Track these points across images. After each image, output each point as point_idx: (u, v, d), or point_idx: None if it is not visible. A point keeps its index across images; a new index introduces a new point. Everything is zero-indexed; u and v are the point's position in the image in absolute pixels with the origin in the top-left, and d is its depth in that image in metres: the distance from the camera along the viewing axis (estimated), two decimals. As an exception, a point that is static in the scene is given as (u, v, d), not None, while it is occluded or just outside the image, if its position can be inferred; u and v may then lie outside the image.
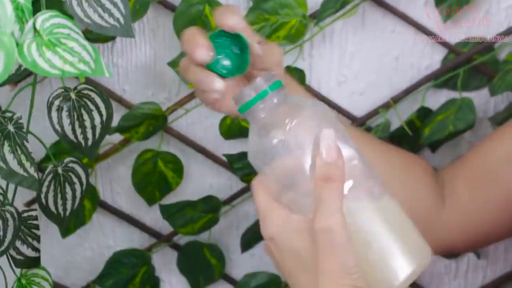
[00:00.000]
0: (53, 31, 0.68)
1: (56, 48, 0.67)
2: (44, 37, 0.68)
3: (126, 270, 1.04)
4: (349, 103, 1.04)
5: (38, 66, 0.66)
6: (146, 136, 0.99)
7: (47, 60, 0.67)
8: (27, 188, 0.80)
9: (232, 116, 0.97)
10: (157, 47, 1.00)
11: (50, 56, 0.67)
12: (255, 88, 0.72)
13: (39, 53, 0.67)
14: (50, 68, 0.66)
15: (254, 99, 0.72)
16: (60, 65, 0.67)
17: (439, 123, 1.02)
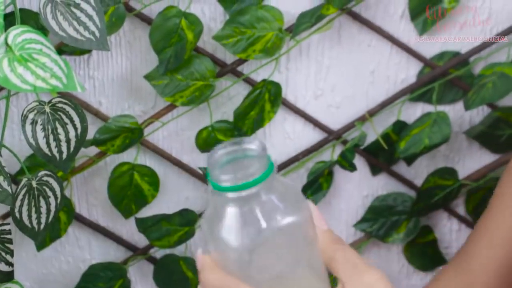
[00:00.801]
0: (25, 46, 0.68)
1: (28, 63, 0.67)
2: (16, 52, 0.68)
3: (102, 284, 1.04)
4: (326, 116, 1.04)
5: (9, 81, 0.66)
6: (122, 149, 0.99)
7: (18, 75, 0.66)
8: (0, 202, 0.80)
9: None
10: (133, 60, 1.00)
11: (22, 72, 0.67)
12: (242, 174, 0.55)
13: (11, 69, 0.67)
14: (21, 84, 0.66)
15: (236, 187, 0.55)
16: (32, 81, 0.66)
17: (414, 136, 1.03)
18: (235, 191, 0.56)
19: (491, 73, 1.00)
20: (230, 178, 0.56)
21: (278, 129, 1.04)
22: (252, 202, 0.56)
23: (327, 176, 1.04)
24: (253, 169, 0.55)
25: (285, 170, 1.05)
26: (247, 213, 0.57)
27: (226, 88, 1.00)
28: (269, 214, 0.57)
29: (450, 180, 1.05)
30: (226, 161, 0.57)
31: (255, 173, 0.55)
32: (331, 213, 1.09)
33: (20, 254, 1.04)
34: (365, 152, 1.06)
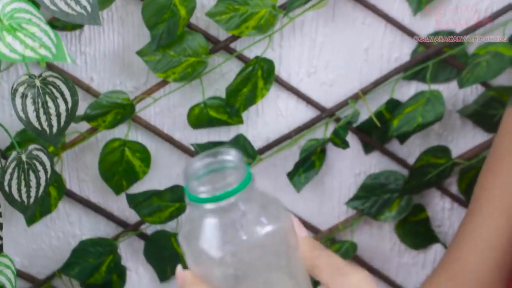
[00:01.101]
0: (14, 15, 0.68)
1: (17, 33, 0.67)
2: (4, 22, 0.67)
3: (92, 259, 1.04)
4: (319, 94, 1.04)
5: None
6: (114, 125, 0.99)
7: (7, 44, 0.66)
8: (-11, 175, 0.80)
9: None
10: (125, 35, 0.99)
11: (11, 41, 0.66)
12: (221, 185, 0.54)
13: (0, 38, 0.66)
14: (10, 53, 0.66)
15: (214, 198, 0.54)
16: (21, 50, 0.66)
17: (407, 115, 1.02)
18: (213, 202, 0.54)
19: (486, 52, 0.99)
20: (208, 189, 0.54)
21: (270, 107, 1.04)
22: (231, 212, 0.55)
23: (319, 154, 1.04)
24: (231, 179, 0.55)
25: (278, 147, 1.05)
26: (227, 224, 0.56)
27: (219, 65, 1.00)
28: (249, 224, 0.56)
29: (443, 158, 1.05)
30: (203, 173, 0.55)
31: (233, 183, 0.55)
32: (323, 190, 1.09)
33: (10, 230, 1.04)
34: (358, 130, 1.05)
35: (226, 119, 1.01)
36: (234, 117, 1.01)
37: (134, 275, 1.10)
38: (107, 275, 1.04)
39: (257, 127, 1.05)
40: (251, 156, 1.00)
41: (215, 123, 1.01)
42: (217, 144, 1.00)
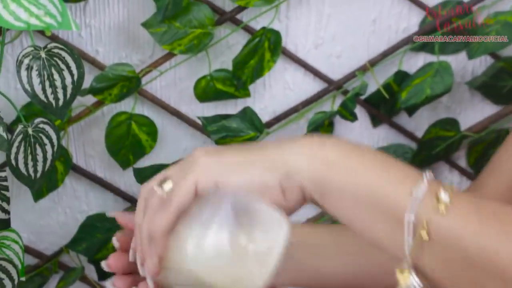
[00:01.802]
0: (18, -17, 0.67)
1: (21, 0, 0.66)
2: (9, -11, 0.66)
3: (100, 235, 1.03)
4: (326, 66, 1.03)
5: (2, 18, 0.65)
6: (120, 98, 0.98)
7: (11, 12, 0.65)
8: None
9: None
10: (130, 7, 0.98)
11: (15, 9, 0.65)
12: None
13: (3, 5, 0.65)
14: (14, 21, 0.65)
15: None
16: (26, 18, 0.65)
17: (416, 86, 1.01)
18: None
19: (495, 21, 0.98)
20: None
21: (278, 79, 1.03)
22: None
23: (327, 127, 1.03)
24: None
25: (285, 120, 1.04)
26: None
27: (225, 36, 0.99)
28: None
29: (451, 131, 1.04)
30: None
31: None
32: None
33: (17, 206, 1.03)
34: (366, 103, 1.04)
35: (233, 92, 1.00)
36: (241, 90, 1.00)
37: (142, 250, 1.09)
38: (115, 250, 1.04)
39: (264, 100, 1.04)
40: (258, 129, 0.99)
41: (222, 96, 1.00)
42: (224, 117, 0.99)
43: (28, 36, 0.95)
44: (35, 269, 1.05)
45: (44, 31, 0.76)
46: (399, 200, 0.63)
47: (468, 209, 0.63)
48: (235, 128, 0.99)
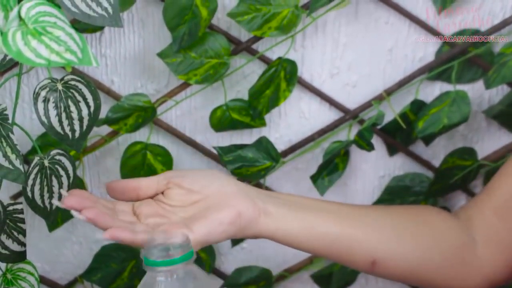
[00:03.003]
0: (38, 19, 0.66)
1: (42, 37, 0.65)
2: (29, 26, 0.66)
3: (115, 264, 1.03)
4: (342, 95, 1.02)
5: (23, 55, 0.64)
6: (135, 128, 0.97)
7: (32, 49, 0.64)
8: (12, 181, 0.78)
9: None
10: (146, 37, 0.98)
11: (36, 45, 0.65)
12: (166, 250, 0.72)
13: (24, 42, 0.65)
14: (36, 58, 0.64)
15: (160, 262, 0.72)
16: (46, 55, 0.65)
17: (433, 116, 1.01)
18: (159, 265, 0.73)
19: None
20: (157, 256, 0.73)
21: (293, 108, 1.03)
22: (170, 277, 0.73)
23: (343, 156, 1.02)
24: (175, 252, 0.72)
25: (301, 150, 1.03)
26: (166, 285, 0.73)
27: (241, 66, 0.98)
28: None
29: (469, 160, 1.03)
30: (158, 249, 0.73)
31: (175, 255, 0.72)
32: (347, 194, 1.07)
33: (31, 235, 1.02)
34: (382, 132, 1.04)
35: (248, 122, 1.00)
36: (256, 119, 1.00)
37: (156, 280, 1.08)
38: (130, 280, 1.03)
39: (280, 129, 1.03)
40: (274, 159, 0.99)
41: (238, 126, 1.00)
42: (240, 147, 0.99)
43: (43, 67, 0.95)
44: (49, 299, 1.05)
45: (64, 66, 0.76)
46: None
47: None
48: (251, 158, 0.98)
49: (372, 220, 0.86)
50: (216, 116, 0.99)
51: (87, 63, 0.66)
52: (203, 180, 0.82)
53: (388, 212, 0.90)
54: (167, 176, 0.82)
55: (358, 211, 0.87)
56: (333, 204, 0.87)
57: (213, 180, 0.82)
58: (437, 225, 0.90)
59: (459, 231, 0.90)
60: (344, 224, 0.84)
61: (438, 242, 0.88)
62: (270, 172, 1.00)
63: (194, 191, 0.81)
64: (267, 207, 0.81)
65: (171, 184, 0.82)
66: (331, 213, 0.84)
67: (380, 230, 0.85)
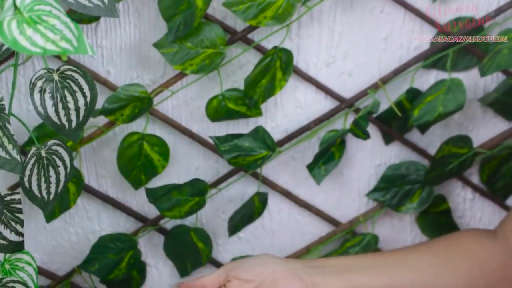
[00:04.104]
0: (34, 8, 0.66)
1: (37, 25, 0.65)
2: (24, 14, 0.66)
3: (112, 255, 1.03)
4: (338, 84, 1.02)
5: (19, 44, 0.64)
6: (132, 118, 0.98)
7: (28, 38, 0.65)
8: (9, 171, 0.79)
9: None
10: (142, 28, 0.98)
11: (31, 34, 0.65)
12: None
13: (20, 31, 0.65)
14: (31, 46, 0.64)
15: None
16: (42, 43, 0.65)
17: (428, 104, 1.01)
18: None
19: (507, 38, 0.98)
20: None
21: (289, 98, 1.03)
22: None
23: (339, 145, 1.03)
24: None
25: (297, 139, 1.04)
26: None
27: (237, 56, 0.99)
28: None
29: (464, 148, 1.03)
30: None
31: None
32: (343, 182, 1.08)
33: (29, 226, 1.03)
34: (378, 121, 1.04)
35: (244, 111, 1.00)
36: (252, 109, 1.00)
37: (154, 271, 1.09)
38: (127, 271, 1.03)
39: (276, 119, 1.04)
40: (270, 148, 0.99)
41: (234, 116, 1.00)
42: (236, 137, 0.99)
43: (39, 58, 0.95)
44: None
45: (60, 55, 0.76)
46: None
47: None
48: (247, 147, 0.99)
49: (412, 264, 0.91)
50: (212, 106, 1.00)
51: (82, 51, 0.66)
52: (257, 268, 0.91)
53: (427, 250, 0.93)
54: (226, 269, 0.91)
55: (399, 257, 0.92)
56: (375, 257, 0.93)
57: (266, 266, 0.91)
58: (476, 252, 0.92)
59: (499, 252, 0.92)
60: (388, 277, 0.90)
61: (480, 270, 0.91)
62: (267, 161, 1.00)
63: (250, 280, 0.90)
64: (314, 280, 0.89)
65: (230, 277, 0.91)
66: (374, 268, 0.90)
67: (421, 273, 0.90)
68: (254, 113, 1.00)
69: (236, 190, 1.06)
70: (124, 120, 0.97)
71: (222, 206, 1.07)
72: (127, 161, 1.01)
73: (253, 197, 1.04)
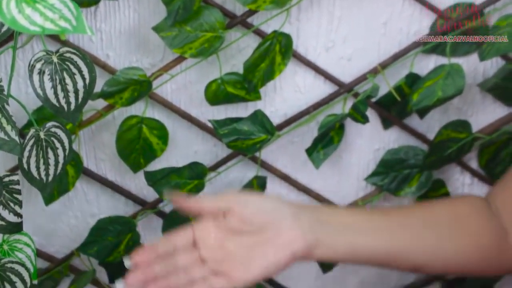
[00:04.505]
0: (32, -13, 0.67)
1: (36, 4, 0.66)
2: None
3: (111, 238, 1.03)
4: (337, 68, 1.02)
5: (17, 23, 0.65)
6: (131, 102, 0.98)
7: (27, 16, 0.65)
8: (8, 152, 0.79)
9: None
10: (141, 11, 0.98)
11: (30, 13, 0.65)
12: None
13: (19, 10, 0.65)
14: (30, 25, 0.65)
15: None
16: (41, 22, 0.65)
17: (427, 89, 1.01)
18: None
19: (506, 24, 0.98)
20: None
21: (288, 82, 1.03)
22: None
23: (338, 130, 1.03)
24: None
25: (296, 123, 1.04)
26: None
27: (236, 40, 0.99)
28: None
29: (463, 133, 1.03)
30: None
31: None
32: (342, 167, 1.08)
33: (28, 209, 1.03)
34: (377, 105, 1.04)
35: (243, 95, 1.00)
36: (251, 93, 1.00)
37: (153, 254, 1.09)
38: (126, 253, 1.04)
39: (275, 103, 1.04)
40: (269, 132, 0.99)
41: (233, 100, 1.00)
42: (235, 120, 0.99)
43: (38, 41, 0.95)
44: (46, 272, 1.05)
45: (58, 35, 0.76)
46: None
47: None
48: (246, 131, 0.99)
49: (414, 229, 0.89)
50: (211, 90, 1.00)
51: (81, 31, 0.66)
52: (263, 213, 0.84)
53: (427, 215, 0.92)
54: (230, 200, 0.84)
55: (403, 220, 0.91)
56: (381, 217, 0.90)
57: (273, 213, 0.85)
58: (474, 224, 0.91)
59: (494, 224, 0.92)
60: (390, 241, 0.88)
61: (476, 243, 0.90)
62: (266, 145, 1.00)
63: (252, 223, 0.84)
64: (318, 237, 0.85)
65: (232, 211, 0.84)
66: (378, 230, 0.88)
67: (420, 240, 0.89)
68: (253, 97, 1.00)
69: (235, 174, 1.06)
70: (123, 103, 0.97)
71: (221, 190, 1.07)
72: (126, 144, 1.01)
73: (252, 181, 1.04)
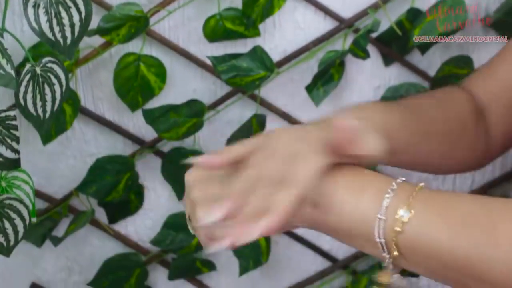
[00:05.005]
0: None
1: None
2: None
3: (109, 177, 1.02)
4: (337, 4, 1.01)
5: None
6: (128, 38, 0.96)
7: None
8: (3, 86, 0.78)
9: None
10: None
11: None
12: None
13: None
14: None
15: None
16: None
17: (429, 23, 0.99)
18: None
19: (509, -44, 0.96)
20: None
21: (288, 19, 1.01)
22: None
23: (338, 67, 1.01)
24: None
25: (295, 60, 1.02)
26: None
27: (234, -26, 0.97)
28: None
29: (465, 69, 1.02)
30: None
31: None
32: (342, 105, 1.07)
33: (26, 150, 1.02)
34: (378, 42, 1.03)
35: (242, 31, 0.98)
36: (250, 29, 0.98)
37: (152, 193, 1.08)
38: (125, 193, 1.03)
39: (274, 40, 1.02)
40: (269, 68, 0.98)
41: (232, 36, 0.99)
42: (234, 57, 0.97)
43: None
44: (45, 212, 1.05)
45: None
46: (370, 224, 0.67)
47: (434, 219, 0.66)
48: (245, 67, 0.97)
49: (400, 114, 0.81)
50: (210, 26, 0.98)
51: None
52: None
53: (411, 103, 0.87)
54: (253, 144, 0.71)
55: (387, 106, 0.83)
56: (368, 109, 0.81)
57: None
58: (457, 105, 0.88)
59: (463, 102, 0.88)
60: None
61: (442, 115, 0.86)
62: (265, 82, 0.99)
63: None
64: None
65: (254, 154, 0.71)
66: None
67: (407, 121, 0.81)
68: (252, 33, 0.99)
69: (234, 113, 1.05)
70: (120, 40, 0.96)
71: (220, 128, 1.06)
72: (123, 82, 0.99)
73: (251, 119, 1.03)
